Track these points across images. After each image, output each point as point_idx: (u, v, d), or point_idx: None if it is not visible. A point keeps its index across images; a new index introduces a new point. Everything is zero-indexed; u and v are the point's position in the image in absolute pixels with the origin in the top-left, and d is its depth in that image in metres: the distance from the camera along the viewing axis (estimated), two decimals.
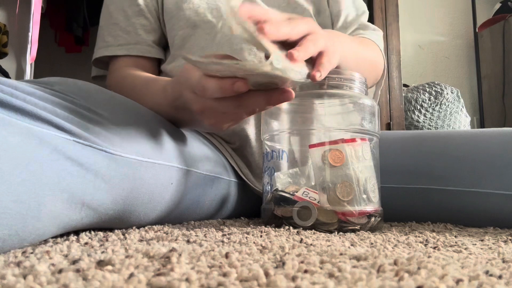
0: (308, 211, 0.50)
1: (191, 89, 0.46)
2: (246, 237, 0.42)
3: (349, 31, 0.82)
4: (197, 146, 0.60)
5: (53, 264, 0.26)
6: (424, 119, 1.92)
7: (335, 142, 0.52)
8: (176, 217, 0.55)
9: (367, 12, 0.88)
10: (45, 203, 0.33)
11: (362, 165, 0.53)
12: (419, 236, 0.48)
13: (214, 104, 0.45)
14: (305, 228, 0.51)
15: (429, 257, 0.32)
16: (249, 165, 0.72)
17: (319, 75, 0.43)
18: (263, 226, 0.53)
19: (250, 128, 0.71)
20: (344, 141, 0.52)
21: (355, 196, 0.51)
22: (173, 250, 0.30)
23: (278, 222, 0.53)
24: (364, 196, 0.52)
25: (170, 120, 0.56)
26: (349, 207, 0.51)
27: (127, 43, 0.76)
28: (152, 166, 0.46)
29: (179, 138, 0.55)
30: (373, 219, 0.52)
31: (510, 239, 0.47)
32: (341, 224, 0.51)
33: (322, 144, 0.52)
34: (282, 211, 0.52)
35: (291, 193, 0.54)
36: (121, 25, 0.77)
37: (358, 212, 0.51)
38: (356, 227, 0.51)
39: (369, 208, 0.52)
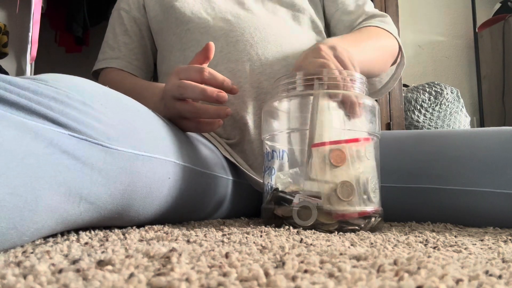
0: (308, 211, 0.50)
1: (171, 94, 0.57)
2: (246, 237, 0.42)
3: (356, 22, 0.84)
4: (194, 144, 0.61)
5: (53, 264, 0.26)
6: (424, 119, 1.92)
7: (337, 142, 0.52)
8: (175, 212, 0.55)
9: (369, 1, 0.89)
10: (42, 196, 0.33)
11: (363, 165, 0.53)
12: (419, 236, 0.48)
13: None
14: (305, 228, 0.51)
15: (429, 257, 0.32)
16: (247, 161, 0.72)
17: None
18: (263, 226, 0.53)
19: (249, 118, 0.72)
20: (346, 141, 0.52)
21: (356, 197, 0.51)
22: (173, 250, 0.30)
23: (278, 222, 0.53)
24: (365, 196, 0.52)
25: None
26: (350, 207, 0.51)
27: (110, 57, 0.87)
28: (149, 160, 0.46)
29: (175, 134, 0.55)
30: (373, 219, 0.52)
31: (510, 239, 0.47)
32: (341, 224, 0.51)
33: (323, 143, 0.52)
34: (282, 211, 0.52)
35: (291, 193, 0.54)
36: (109, 42, 0.89)
37: (359, 212, 0.51)
38: (356, 227, 0.51)
39: (370, 208, 0.52)
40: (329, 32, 0.91)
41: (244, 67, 0.73)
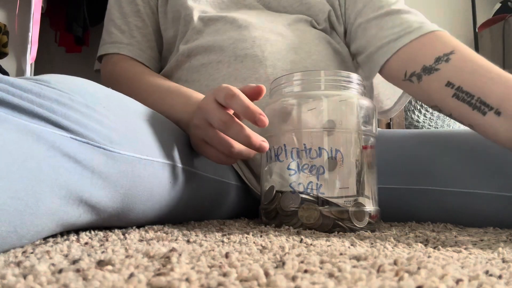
0: (362, 213, 0.51)
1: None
2: (246, 237, 0.42)
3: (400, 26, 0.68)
4: None
5: (53, 264, 0.26)
6: (424, 119, 1.92)
7: (370, 146, 0.55)
8: (176, 217, 0.55)
9: None
10: (43, 200, 0.33)
11: None
12: (419, 236, 0.48)
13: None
14: (305, 228, 0.51)
15: (429, 257, 0.32)
16: (252, 171, 0.71)
17: None
18: (263, 226, 0.53)
19: None
20: (371, 146, 0.56)
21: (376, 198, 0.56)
22: (173, 250, 0.30)
23: (329, 222, 0.52)
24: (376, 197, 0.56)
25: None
26: (375, 208, 0.54)
27: (120, 41, 0.77)
28: (151, 164, 0.46)
29: (178, 137, 0.55)
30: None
31: (510, 239, 0.47)
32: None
33: (366, 147, 0.54)
34: (334, 213, 0.51)
35: (314, 195, 0.53)
36: (117, 22, 0.78)
37: (378, 212, 0.55)
38: (374, 227, 0.54)
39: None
40: (347, 42, 0.79)
41: None
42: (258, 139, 0.48)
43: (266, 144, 0.49)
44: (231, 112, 0.51)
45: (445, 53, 0.60)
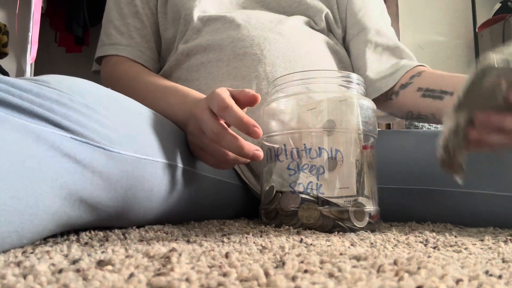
0: (361, 213, 0.51)
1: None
2: (246, 237, 0.42)
3: (395, 59, 0.79)
4: None
5: (53, 264, 0.26)
6: None
7: (370, 146, 0.56)
8: (176, 216, 0.55)
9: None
10: (43, 200, 0.33)
11: None
12: (419, 236, 0.48)
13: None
14: (305, 228, 0.51)
15: (429, 257, 0.32)
16: (251, 169, 0.71)
17: None
18: (263, 226, 0.53)
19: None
20: (371, 146, 0.56)
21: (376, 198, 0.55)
22: (173, 250, 0.30)
23: (328, 223, 0.52)
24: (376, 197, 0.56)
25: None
26: (375, 208, 0.54)
27: (119, 43, 0.78)
28: (151, 164, 0.46)
29: (178, 138, 0.55)
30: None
31: (510, 239, 0.47)
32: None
33: (366, 147, 0.54)
34: (334, 212, 0.51)
35: (315, 195, 0.53)
36: (115, 23, 0.79)
37: (378, 213, 0.55)
38: (375, 228, 0.54)
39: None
40: (345, 46, 0.84)
41: (250, 85, 0.68)
42: (251, 149, 0.48)
43: (259, 153, 0.49)
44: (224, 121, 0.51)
45: (419, 72, 0.74)
